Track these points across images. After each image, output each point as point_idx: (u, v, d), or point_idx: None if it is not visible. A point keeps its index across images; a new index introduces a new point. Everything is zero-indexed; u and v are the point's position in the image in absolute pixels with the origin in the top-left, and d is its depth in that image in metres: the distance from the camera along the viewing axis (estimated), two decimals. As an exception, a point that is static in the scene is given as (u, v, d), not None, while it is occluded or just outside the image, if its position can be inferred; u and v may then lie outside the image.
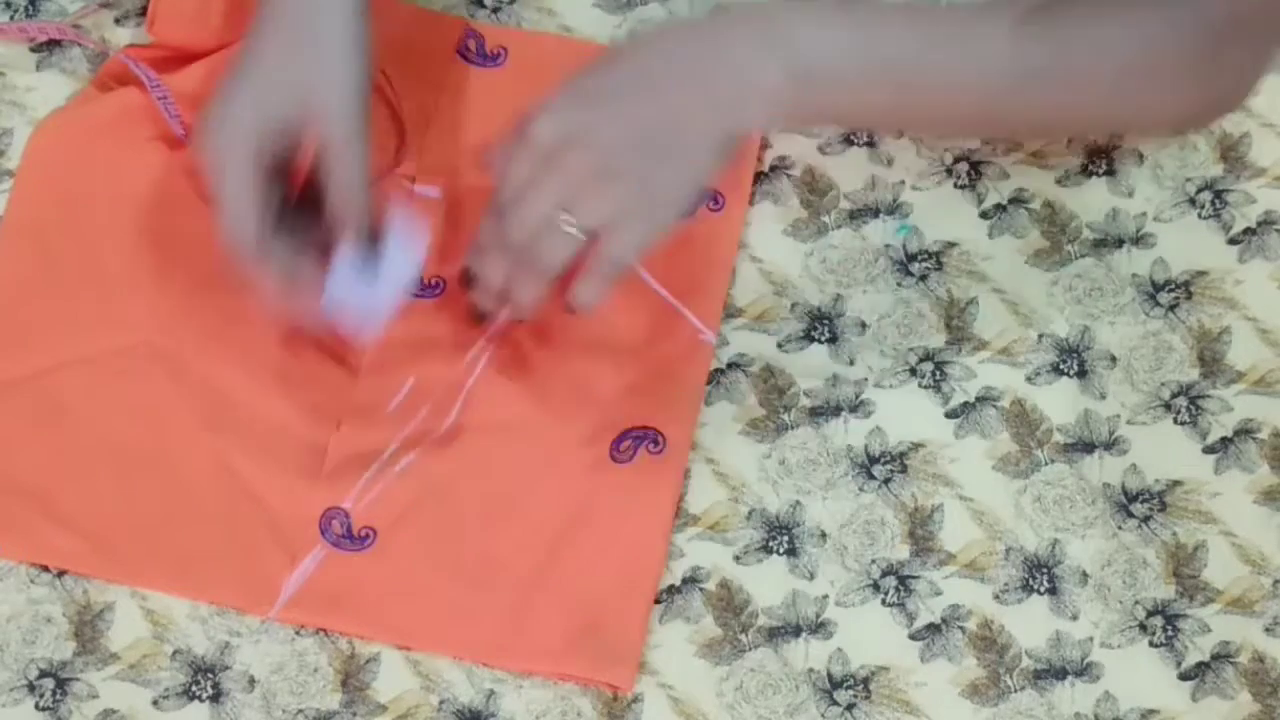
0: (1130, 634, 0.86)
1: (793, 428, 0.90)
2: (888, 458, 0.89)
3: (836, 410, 0.90)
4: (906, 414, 0.90)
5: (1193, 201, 0.95)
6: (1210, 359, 0.91)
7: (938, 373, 0.91)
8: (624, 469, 0.88)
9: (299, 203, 0.85)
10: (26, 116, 0.95)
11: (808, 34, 0.83)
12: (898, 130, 0.94)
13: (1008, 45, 0.84)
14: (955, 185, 0.95)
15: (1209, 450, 0.89)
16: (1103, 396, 0.90)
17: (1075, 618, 0.86)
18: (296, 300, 0.83)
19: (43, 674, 0.84)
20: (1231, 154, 0.96)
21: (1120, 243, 0.94)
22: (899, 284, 0.93)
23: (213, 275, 0.90)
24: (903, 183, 0.95)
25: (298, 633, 0.85)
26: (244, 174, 0.81)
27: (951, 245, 0.94)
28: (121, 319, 0.89)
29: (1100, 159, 0.96)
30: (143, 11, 0.97)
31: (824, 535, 0.87)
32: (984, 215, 0.95)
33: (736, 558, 0.87)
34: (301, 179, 0.84)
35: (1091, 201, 0.95)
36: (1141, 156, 0.96)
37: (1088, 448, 0.89)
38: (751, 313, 0.92)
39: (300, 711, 0.83)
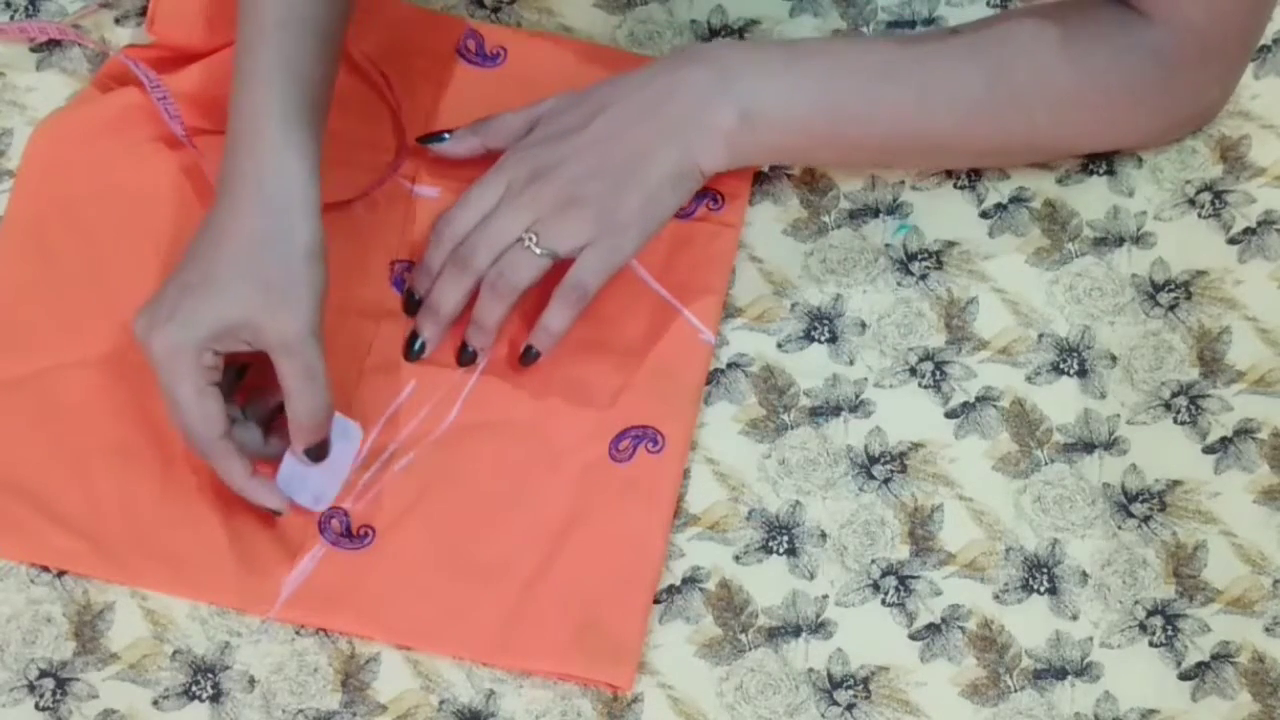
0: (1130, 634, 0.86)
1: (793, 428, 0.90)
2: (888, 458, 0.89)
3: (836, 410, 0.90)
4: (906, 414, 0.90)
5: (1192, 202, 0.95)
6: (1210, 359, 0.91)
7: (938, 372, 0.91)
8: (623, 468, 0.88)
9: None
10: (26, 116, 0.95)
11: (759, 79, 0.87)
12: (851, 164, 0.95)
13: (949, 78, 0.88)
14: (955, 185, 0.95)
15: (1209, 450, 0.89)
16: (1103, 396, 0.90)
17: (1075, 618, 0.86)
18: (254, 488, 0.83)
19: (43, 674, 0.83)
20: (1231, 154, 0.96)
21: (1120, 242, 0.94)
22: (899, 284, 0.93)
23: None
24: (903, 182, 0.95)
25: (298, 633, 0.85)
26: (199, 383, 0.81)
27: (951, 245, 0.94)
28: (121, 319, 0.89)
29: (1100, 159, 0.96)
30: (143, 11, 0.97)
31: (824, 535, 0.87)
32: (984, 215, 0.95)
33: (736, 558, 0.87)
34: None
35: (1092, 200, 0.95)
36: (1140, 160, 0.96)
37: (1088, 447, 0.89)
38: (751, 313, 0.92)
39: (300, 711, 0.83)
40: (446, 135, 0.92)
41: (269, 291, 0.80)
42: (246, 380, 0.86)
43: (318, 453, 0.84)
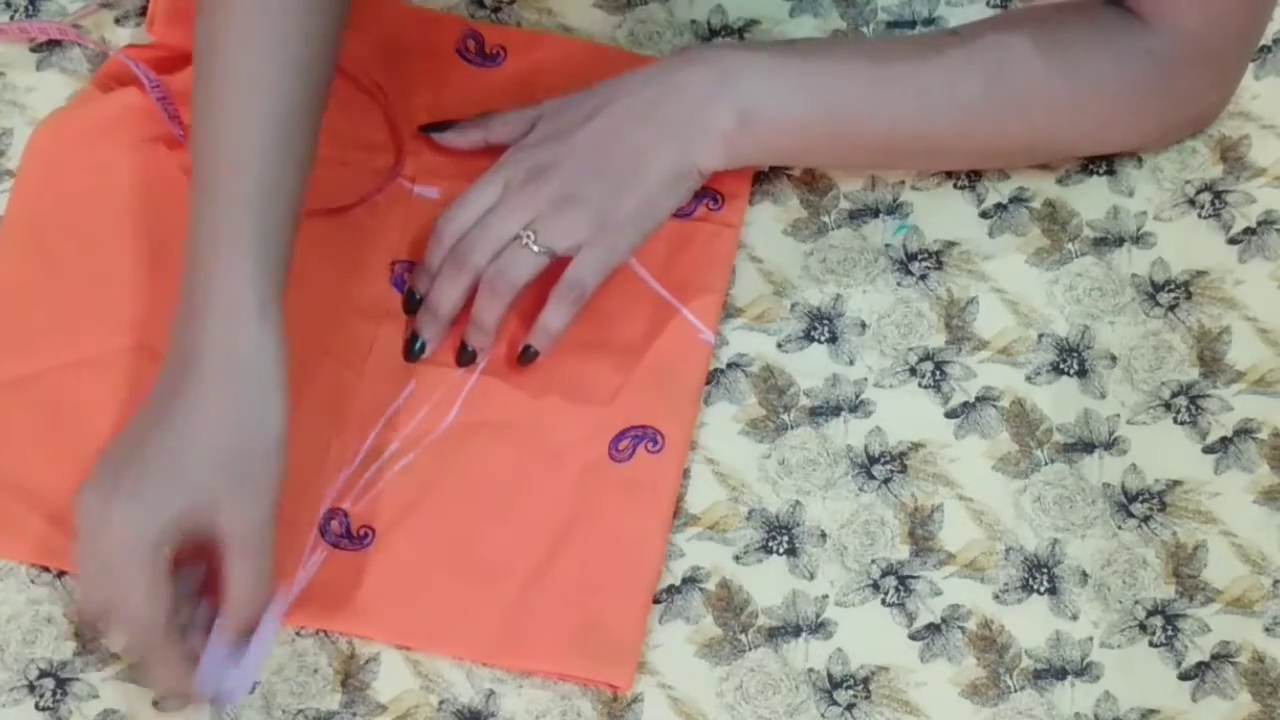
0: (1130, 634, 0.86)
1: (793, 428, 0.90)
2: (888, 458, 0.89)
3: (836, 410, 0.90)
4: (906, 414, 0.90)
5: (1192, 202, 0.95)
6: (1210, 359, 0.91)
7: (938, 372, 0.91)
8: (623, 468, 0.88)
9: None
10: (26, 116, 0.95)
11: (758, 80, 0.87)
12: (849, 166, 0.94)
13: (947, 80, 0.88)
14: (955, 185, 0.95)
15: (1209, 450, 0.89)
16: (1103, 396, 0.90)
17: (1075, 618, 0.86)
18: (183, 682, 0.78)
19: (43, 674, 0.83)
20: (1231, 154, 0.96)
21: (1120, 242, 0.94)
22: (899, 284, 0.93)
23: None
24: (903, 182, 0.95)
25: (298, 633, 0.85)
26: (156, 574, 0.75)
27: (951, 245, 0.94)
28: (121, 319, 0.89)
29: (1100, 158, 0.96)
30: (143, 11, 0.97)
31: (824, 535, 0.87)
32: (984, 215, 0.95)
33: (736, 558, 0.87)
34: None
35: (1092, 201, 0.95)
36: (1140, 160, 0.96)
37: (1088, 448, 0.89)
38: (751, 313, 0.92)
39: (300, 711, 0.83)
40: (449, 126, 0.93)
41: (235, 483, 0.76)
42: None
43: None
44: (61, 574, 0.85)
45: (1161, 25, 0.88)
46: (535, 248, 0.86)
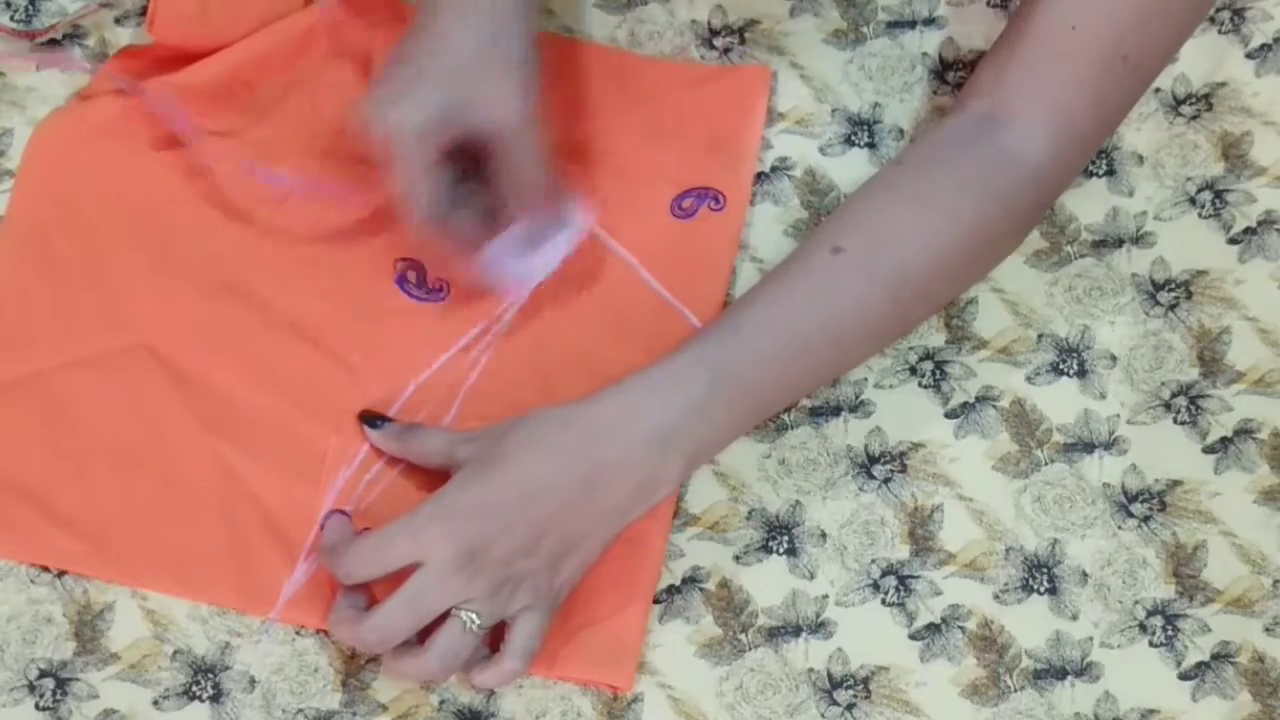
0: (1130, 634, 0.86)
1: (793, 427, 0.90)
2: (888, 457, 0.89)
3: (836, 410, 0.90)
4: (906, 414, 0.90)
5: (1193, 201, 0.95)
6: (1210, 359, 0.91)
7: (938, 372, 0.91)
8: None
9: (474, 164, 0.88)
10: (26, 116, 0.95)
11: (699, 425, 0.82)
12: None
13: (858, 315, 0.85)
14: (955, 185, 0.95)
15: (1209, 450, 0.89)
16: (1103, 396, 0.90)
17: (1075, 618, 0.86)
18: (461, 262, 0.87)
19: (43, 674, 0.84)
20: (1233, 152, 0.96)
21: (1120, 242, 0.94)
22: (899, 284, 0.93)
23: (212, 276, 0.90)
24: (903, 182, 0.95)
25: (298, 633, 0.85)
26: (421, 161, 0.84)
27: (951, 245, 0.94)
28: (121, 319, 0.89)
29: (1101, 159, 0.96)
30: (143, 11, 0.97)
31: (824, 535, 0.88)
32: (984, 215, 0.94)
33: (736, 558, 0.87)
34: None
35: (1091, 202, 0.95)
36: (1141, 158, 0.96)
37: (1087, 447, 0.89)
38: (751, 312, 0.92)
39: (300, 711, 0.83)
40: (381, 422, 0.87)
41: (488, 81, 0.84)
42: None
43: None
44: (61, 574, 0.85)
45: (1009, 120, 0.86)
46: (475, 626, 0.80)
